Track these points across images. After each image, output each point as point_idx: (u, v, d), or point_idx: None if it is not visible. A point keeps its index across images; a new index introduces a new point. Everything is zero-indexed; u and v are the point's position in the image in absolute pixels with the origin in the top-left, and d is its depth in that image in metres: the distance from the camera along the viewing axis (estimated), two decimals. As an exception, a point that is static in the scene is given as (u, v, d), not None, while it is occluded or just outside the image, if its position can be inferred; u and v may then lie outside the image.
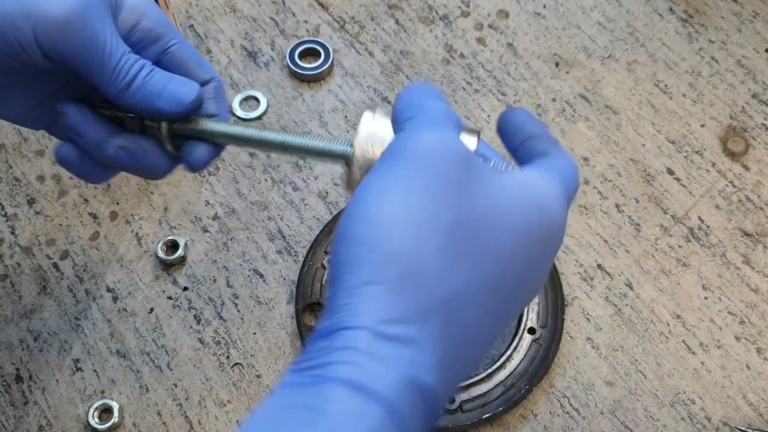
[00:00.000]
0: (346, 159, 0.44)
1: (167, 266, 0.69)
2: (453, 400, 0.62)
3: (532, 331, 0.65)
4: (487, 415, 0.61)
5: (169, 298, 0.67)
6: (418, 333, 0.35)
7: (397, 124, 0.41)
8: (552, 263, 0.44)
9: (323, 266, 0.67)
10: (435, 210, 0.36)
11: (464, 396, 0.62)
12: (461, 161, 0.38)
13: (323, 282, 0.66)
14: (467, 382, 0.62)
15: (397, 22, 0.81)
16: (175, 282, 0.68)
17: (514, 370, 0.63)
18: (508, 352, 0.63)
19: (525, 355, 0.64)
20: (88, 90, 0.49)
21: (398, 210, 0.36)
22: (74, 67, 0.45)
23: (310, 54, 0.78)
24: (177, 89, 0.46)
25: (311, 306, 0.66)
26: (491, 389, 0.62)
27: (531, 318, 0.65)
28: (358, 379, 0.33)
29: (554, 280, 0.67)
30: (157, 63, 0.48)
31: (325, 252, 0.67)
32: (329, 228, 0.69)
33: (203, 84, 0.49)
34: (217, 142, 0.49)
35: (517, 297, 0.40)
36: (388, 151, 0.39)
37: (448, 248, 0.36)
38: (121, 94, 0.45)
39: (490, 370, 0.63)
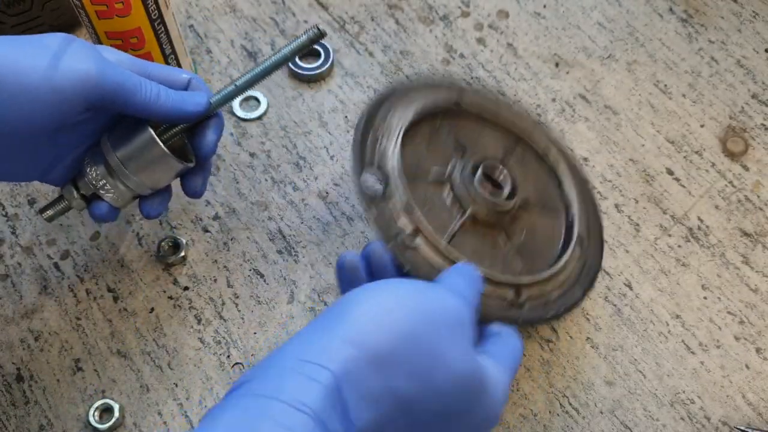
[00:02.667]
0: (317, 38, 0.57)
1: (168, 266, 0.69)
2: (520, 294, 0.61)
3: (580, 239, 0.65)
4: (550, 315, 0.61)
5: (170, 297, 0.68)
6: (364, 413, 0.43)
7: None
8: None
9: None
10: (423, 341, 0.45)
11: (528, 293, 0.61)
12: (457, 325, 0.47)
13: None
14: (532, 280, 0.61)
15: (397, 22, 0.81)
16: (175, 282, 0.68)
17: (569, 276, 0.63)
18: (564, 258, 0.63)
19: (576, 263, 0.64)
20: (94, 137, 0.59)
21: (403, 320, 0.45)
22: (113, 105, 0.55)
23: (310, 54, 0.78)
24: (193, 97, 0.58)
25: None
26: (551, 290, 0.62)
27: (581, 228, 0.65)
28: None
29: (585, 193, 0.69)
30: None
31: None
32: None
33: (187, 84, 0.60)
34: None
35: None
36: (423, 284, 0.49)
37: (413, 368, 0.44)
38: (153, 107, 0.56)
39: (551, 272, 0.62)
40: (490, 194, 0.63)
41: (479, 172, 0.63)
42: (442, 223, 0.61)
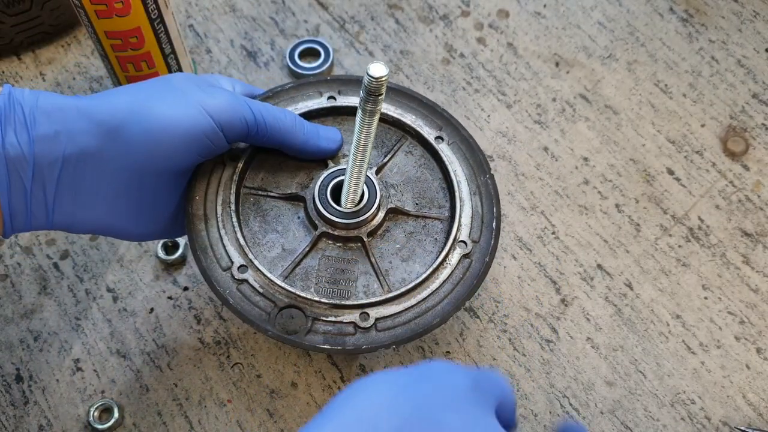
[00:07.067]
0: None
1: (167, 266, 0.69)
2: (367, 317, 0.54)
3: (462, 244, 0.57)
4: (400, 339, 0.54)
5: (170, 298, 0.68)
6: None
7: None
8: None
9: None
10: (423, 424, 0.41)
11: (379, 312, 0.54)
12: (457, 393, 0.43)
13: None
14: (384, 297, 0.54)
15: (397, 21, 0.81)
16: (175, 282, 0.68)
17: (438, 288, 0.55)
18: (434, 265, 0.55)
19: (452, 272, 0.56)
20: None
21: (395, 411, 0.41)
22: (262, 138, 0.56)
23: (310, 54, 0.78)
24: (329, 132, 0.60)
25: None
26: (407, 310, 0.55)
27: (461, 232, 0.57)
28: None
29: (490, 191, 0.59)
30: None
31: None
32: None
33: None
34: None
35: None
36: (412, 370, 0.44)
37: None
38: (298, 141, 0.58)
39: (410, 286, 0.55)
40: (334, 213, 0.57)
41: (329, 187, 0.58)
42: (291, 245, 0.57)
